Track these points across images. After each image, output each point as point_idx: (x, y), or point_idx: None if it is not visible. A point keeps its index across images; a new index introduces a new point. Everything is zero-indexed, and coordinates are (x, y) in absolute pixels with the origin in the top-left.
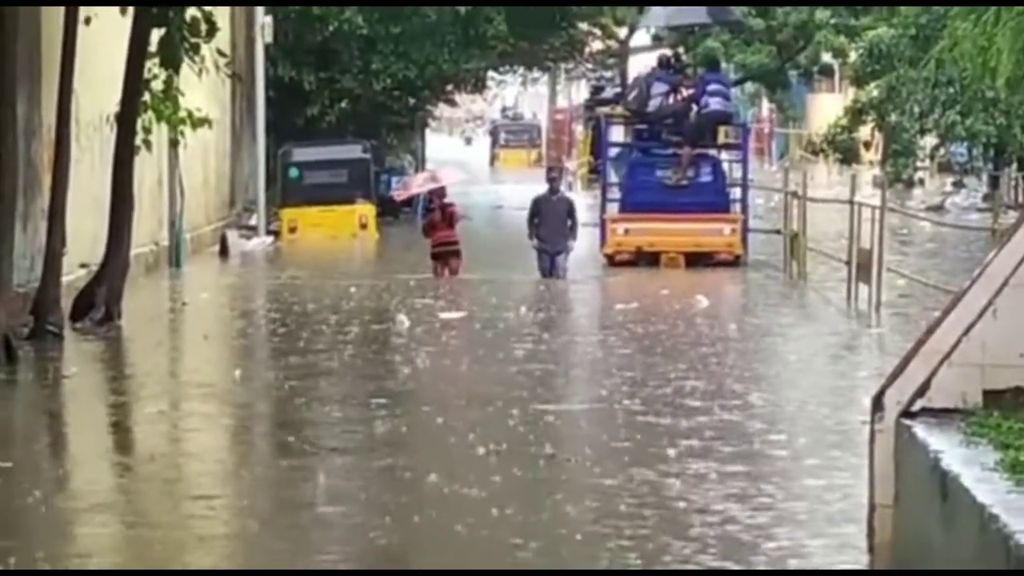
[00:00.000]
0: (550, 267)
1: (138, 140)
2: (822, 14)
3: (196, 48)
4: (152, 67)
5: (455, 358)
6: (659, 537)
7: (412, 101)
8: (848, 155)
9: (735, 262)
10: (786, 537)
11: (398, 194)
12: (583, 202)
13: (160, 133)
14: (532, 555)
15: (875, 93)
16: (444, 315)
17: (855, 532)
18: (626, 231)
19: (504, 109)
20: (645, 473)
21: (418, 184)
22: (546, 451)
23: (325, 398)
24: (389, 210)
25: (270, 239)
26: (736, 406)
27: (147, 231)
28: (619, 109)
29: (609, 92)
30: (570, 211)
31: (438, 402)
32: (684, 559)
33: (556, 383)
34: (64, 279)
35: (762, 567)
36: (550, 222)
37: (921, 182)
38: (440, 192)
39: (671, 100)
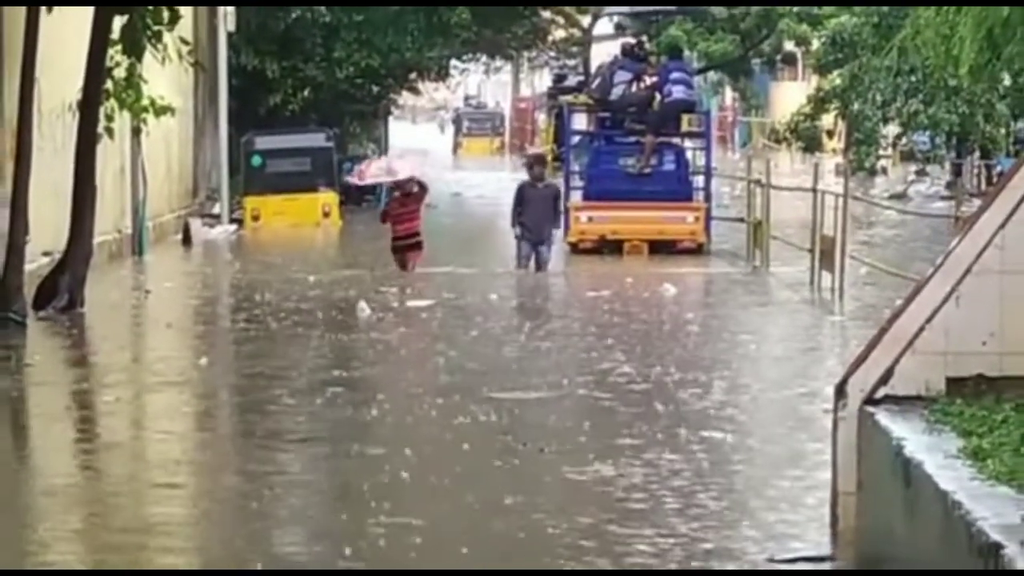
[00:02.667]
0: (532, 256)
1: (100, 128)
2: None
3: (159, 36)
4: (114, 55)
5: (419, 346)
6: (617, 525)
7: (375, 89)
8: (811, 143)
9: (698, 250)
10: (748, 525)
11: (353, 179)
12: None
13: (123, 121)
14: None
15: (838, 81)
16: (411, 303)
17: (818, 519)
18: (589, 219)
19: (467, 97)
20: (604, 462)
21: (373, 173)
22: (507, 438)
23: (289, 386)
24: (352, 198)
25: (233, 227)
26: (698, 394)
27: (110, 219)
28: (582, 97)
29: (572, 80)
30: (556, 199)
31: (402, 390)
32: (643, 550)
33: (516, 371)
34: (27, 267)
35: (720, 557)
36: (534, 210)
37: (884, 170)
38: (406, 184)
39: (634, 88)
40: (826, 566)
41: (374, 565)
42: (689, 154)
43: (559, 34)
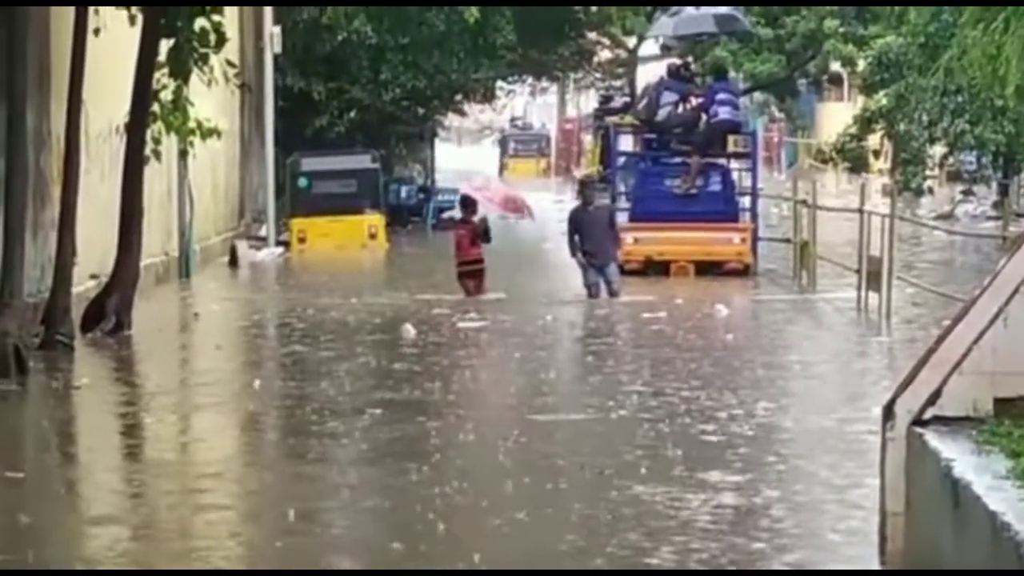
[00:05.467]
0: (599, 280)
1: (147, 150)
2: (831, 23)
3: (205, 58)
4: (161, 77)
5: (477, 369)
6: (669, 544)
7: (421, 111)
8: (857, 164)
9: (745, 271)
10: (797, 543)
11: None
12: None
13: (169, 143)
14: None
15: (884, 102)
16: (461, 324)
17: (867, 541)
18: (635, 240)
19: (513, 119)
20: (658, 483)
21: (498, 200)
22: (558, 461)
23: (341, 409)
24: (398, 220)
25: (280, 249)
26: (745, 416)
27: (157, 242)
28: (628, 118)
29: (618, 101)
30: (612, 220)
31: (461, 413)
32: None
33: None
34: (74, 289)
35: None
36: (594, 234)
37: (930, 191)
38: (474, 207)
39: (680, 109)
40: None
41: None
42: (735, 175)
43: (605, 55)
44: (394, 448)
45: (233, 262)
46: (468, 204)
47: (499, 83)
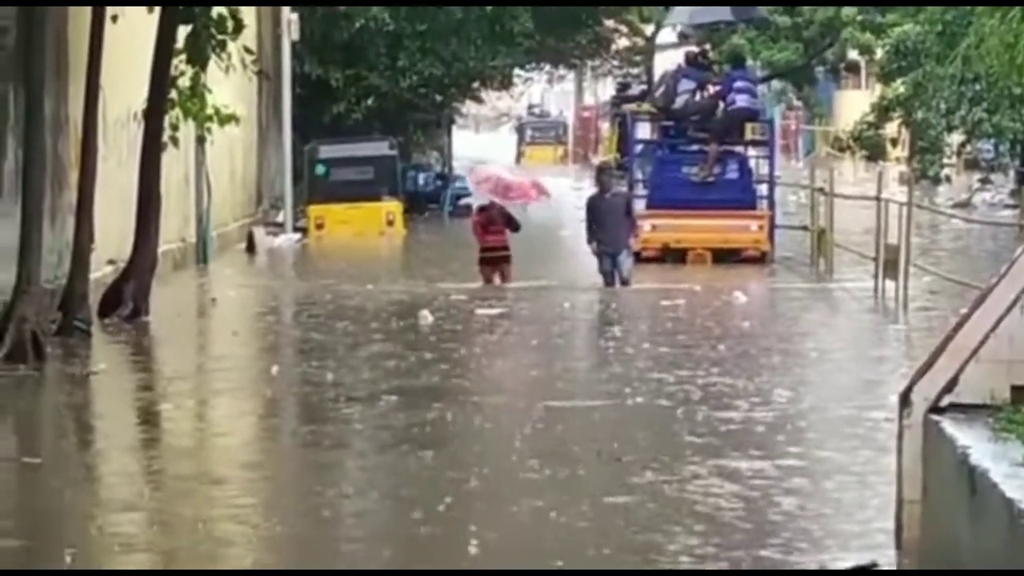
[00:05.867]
0: (613, 268)
1: (165, 137)
2: (849, 11)
3: (223, 45)
4: (179, 64)
5: (493, 356)
6: (687, 531)
7: (439, 98)
8: (875, 152)
9: (762, 259)
10: (814, 531)
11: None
12: None
13: (187, 130)
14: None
15: (901, 90)
16: (480, 311)
17: (883, 527)
18: (653, 227)
19: (531, 106)
20: (676, 468)
21: (500, 192)
22: (574, 448)
23: (359, 394)
24: (416, 207)
25: (297, 236)
26: (763, 402)
27: (174, 228)
28: (645, 106)
29: (635, 89)
30: (628, 208)
31: (473, 400)
32: (703, 554)
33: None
34: (92, 275)
35: (788, 565)
36: (609, 221)
37: (948, 179)
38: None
39: (698, 97)
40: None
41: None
42: (752, 162)
43: (622, 43)
44: (410, 434)
45: (250, 248)
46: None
47: (516, 70)
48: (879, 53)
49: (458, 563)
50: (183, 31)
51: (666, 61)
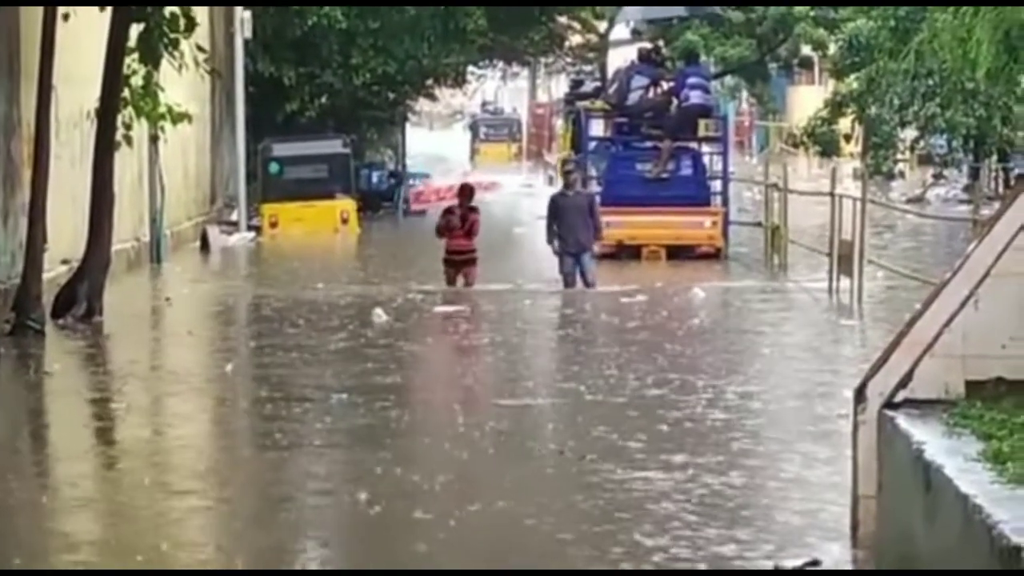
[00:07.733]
0: (575, 269)
1: (118, 136)
2: (801, 7)
3: (175, 44)
4: (131, 63)
5: (444, 354)
6: (635, 529)
7: (392, 96)
8: (828, 147)
9: (716, 255)
10: (771, 528)
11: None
12: None
13: (140, 129)
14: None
15: (855, 85)
16: (438, 309)
17: (839, 523)
18: (607, 224)
19: (484, 104)
20: (625, 466)
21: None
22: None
23: (310, 393)
24: (370, 204)
25: (251, 234)
26: (717, 399)
27: (128, 227)
28: (599, 103)
29: (589, 86)
30: (591, 207)
31: (427, 398)
32: (654, 550)
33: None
34: (45, 275)
35: (745, 560)
36: (571, 220)
37: (901, 174)
38: (469, 193)
39: (651, 94)
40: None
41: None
42: (706, 159)
43: (576, 40)
44: (364, 433)
45: (204, 247)
46: (463, 194)
47: (470, 68)
48: (832, 49)
49: (415, 560)
50: (135, 30)
51: (619, 58)
